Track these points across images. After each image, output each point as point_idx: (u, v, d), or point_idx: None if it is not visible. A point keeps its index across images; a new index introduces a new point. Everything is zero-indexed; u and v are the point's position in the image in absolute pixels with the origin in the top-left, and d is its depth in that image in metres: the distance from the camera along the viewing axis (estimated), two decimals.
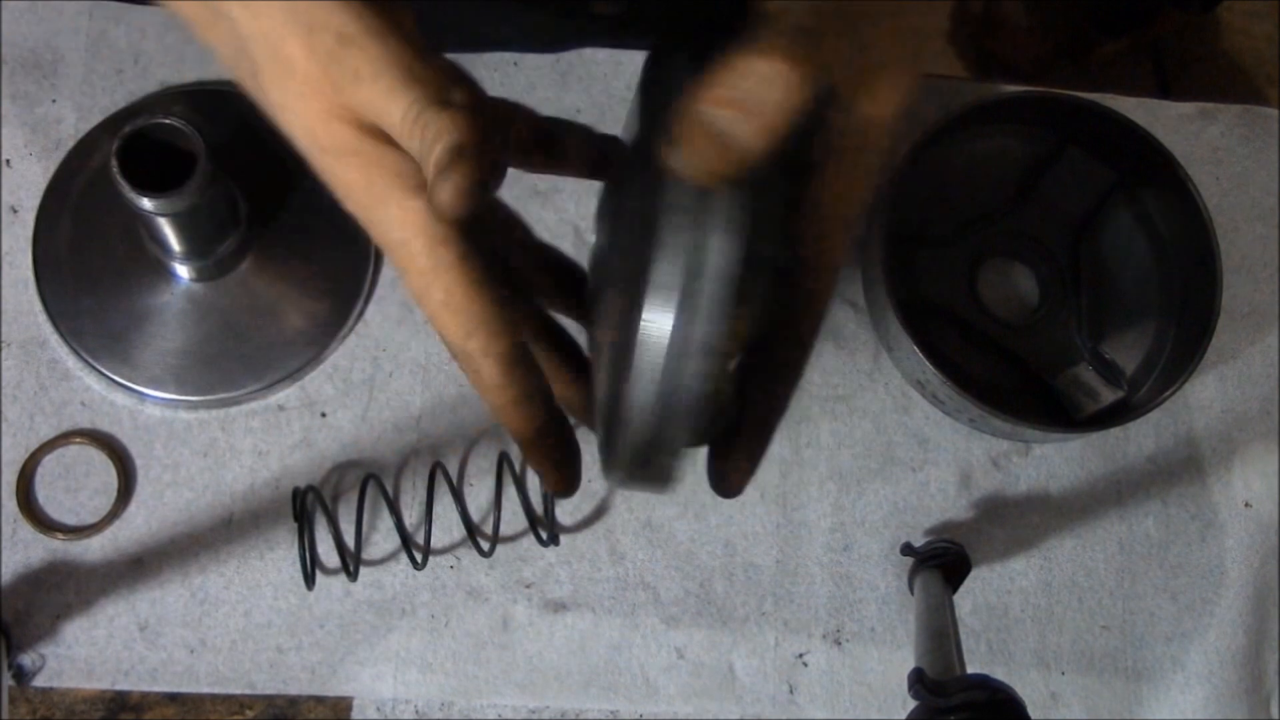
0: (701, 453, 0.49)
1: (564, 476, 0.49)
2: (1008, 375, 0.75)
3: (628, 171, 0.46)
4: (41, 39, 0.74)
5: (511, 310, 0.44)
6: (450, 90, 0.41)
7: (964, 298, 0.76)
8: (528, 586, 0.71)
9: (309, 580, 0.68)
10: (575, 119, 0.51)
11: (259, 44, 0.42)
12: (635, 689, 0.70)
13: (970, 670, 0.58)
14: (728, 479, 0.48)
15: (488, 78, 0.77)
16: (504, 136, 0.46)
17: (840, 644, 0.72)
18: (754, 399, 0.47)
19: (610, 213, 0.51)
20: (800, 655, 0.72)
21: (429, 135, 0.40)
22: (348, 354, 0.73)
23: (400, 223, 0.42)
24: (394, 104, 0.41)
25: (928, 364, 0.70)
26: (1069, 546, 0.75)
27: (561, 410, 0.48)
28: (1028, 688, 0.72)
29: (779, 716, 0.71)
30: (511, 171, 0.44)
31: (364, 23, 0.40)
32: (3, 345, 0.71)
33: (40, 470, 0.70)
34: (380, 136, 0.42)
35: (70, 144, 0.73)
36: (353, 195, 0.43)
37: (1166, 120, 0.81)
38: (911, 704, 0.56)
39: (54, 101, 0.74)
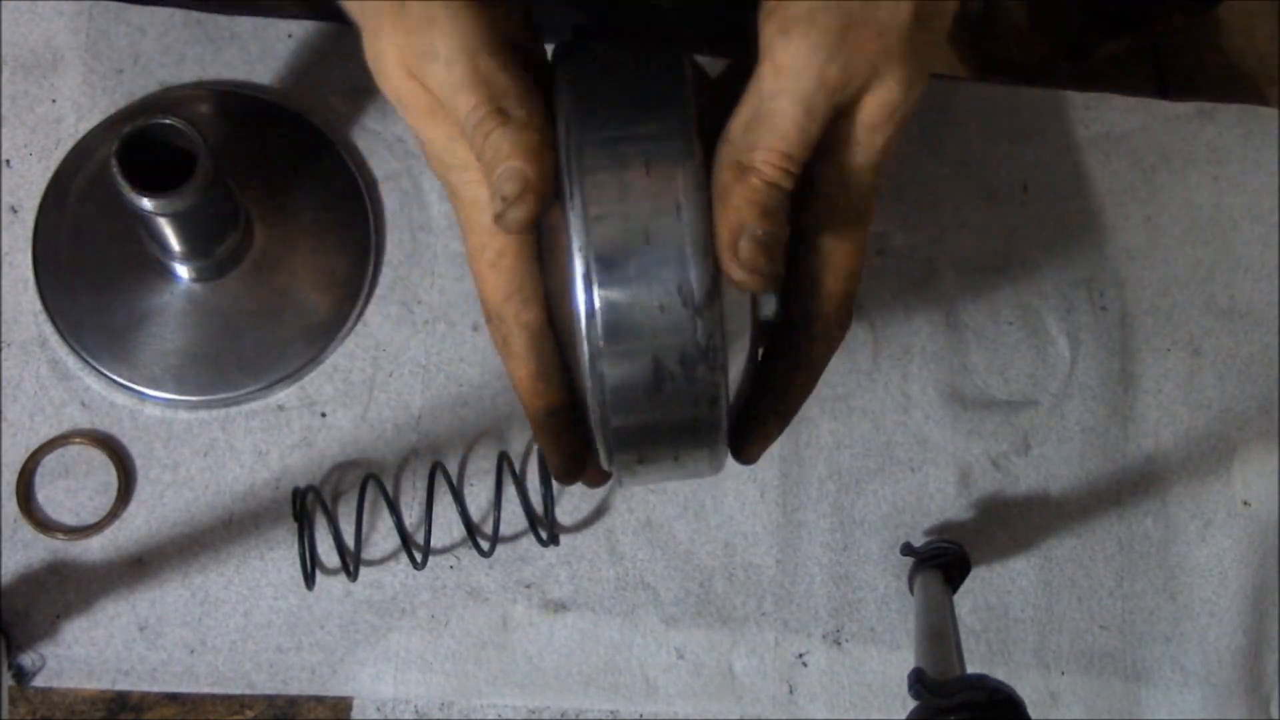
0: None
1: (568, 460, 0.50)
2: None
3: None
4: (41, 39, 0.74)
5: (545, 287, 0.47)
6: (514, 102, 0.43)
7: None
8: (528, 586, 0.71)
9: (309, 580, 0.68)
10: None
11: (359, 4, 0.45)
12: (635, 689, 0.70)
13: (970, 670, 0.59)
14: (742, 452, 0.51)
15: None
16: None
17: (840, 644, 0.72)
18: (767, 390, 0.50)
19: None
20: (800, 655, 0.72)
21: (488, 151, 0.42)
22: (348, 354, 0.73)
23: (472, 183, 0.45)
24: (459, 96, 0.43)
25: None
26: (1069, 546, 0.75)
27: (576, 396, 0.48)
28: (1028, 688, 0.72)
29: (779, 716, 0.71)
30: None
31: (453, 7, 0.42)
32: (3, 345, 0.71)
33: (40, 470, 0.70)
34: None
35: (70, 144, 0.73)
36: (431, 151, 0.46)
37: (1165, 120, 0.82)
38: (911, 704, 0.56)
39: (54, 101, 0.74)
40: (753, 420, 0.50)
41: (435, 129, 0.45)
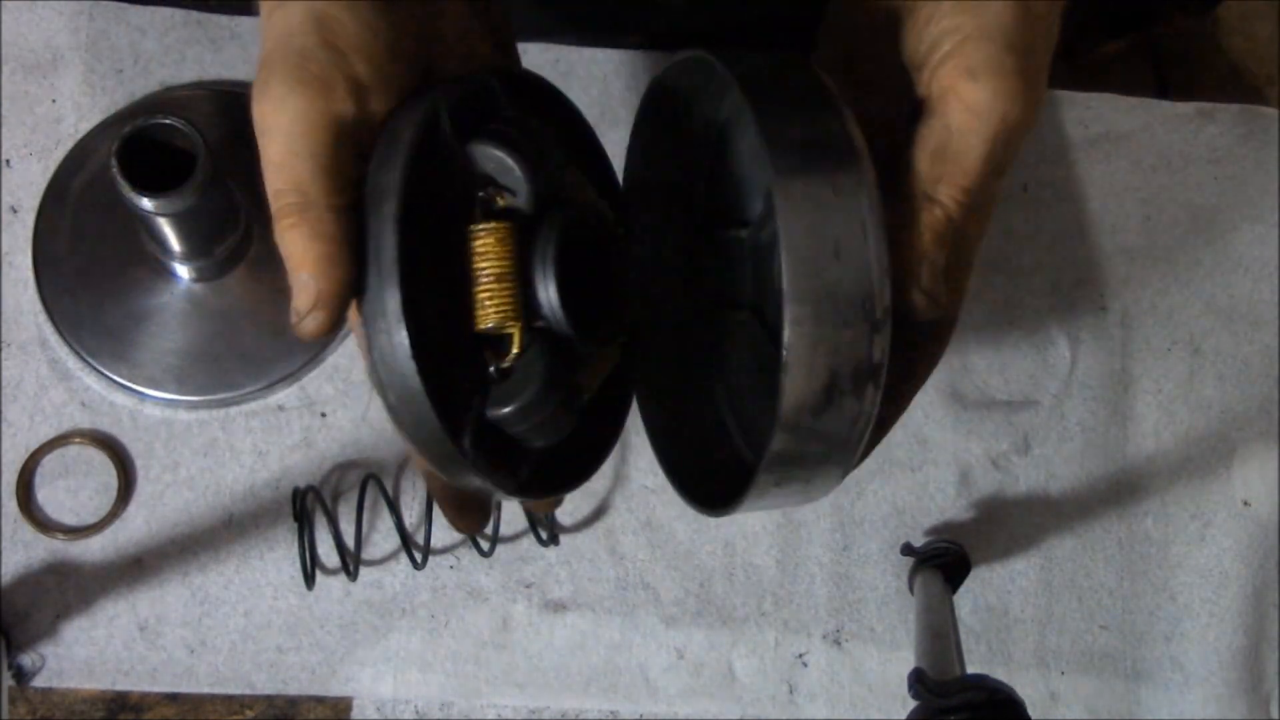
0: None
1: (465, 512, 0.51)
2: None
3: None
4: (41, 39, 0.74)
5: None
6: (318, 200, 0.44)
7: None
8: (528, 586, 0.71)
9: (309, 580, 0.68)
10: None
11: None
12: (635, 689, 0.70)
13: (970, 670, 0.59)
14: None
15: None
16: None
17: (840, 644, 0.72)
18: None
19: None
20: (800, 655, 0.72)
21: (284, 246, 0.45)
22: (348, 354, 0.73)
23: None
24: (270, 174, 0.44)
25: None
26: (1069, 546, 0.75)
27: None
28: (1028, 688, 0.72)
29: (779, 716, 0.71)
30: None
31: (286, 87, 0.42)
32: (3, 345, 0.71)
33: (40, 470, 0.70)
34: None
35: (70, 144, 0.73)
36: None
37: (1165, 120, 0.82)
38: (911, 704, 0.56)
39: (54, 101, 0.74)
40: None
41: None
